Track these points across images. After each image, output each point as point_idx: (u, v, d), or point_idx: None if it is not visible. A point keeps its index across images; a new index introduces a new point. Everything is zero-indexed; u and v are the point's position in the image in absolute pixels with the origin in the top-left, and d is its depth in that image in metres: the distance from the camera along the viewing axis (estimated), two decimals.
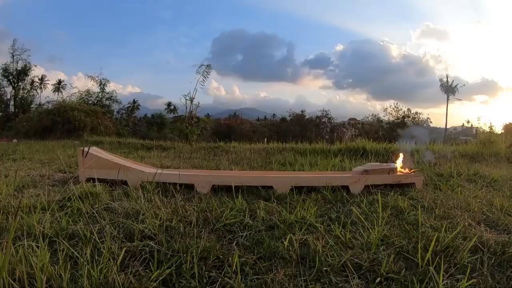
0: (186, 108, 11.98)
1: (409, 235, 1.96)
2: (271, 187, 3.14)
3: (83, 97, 21.47)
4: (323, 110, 25.34)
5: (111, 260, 1.49)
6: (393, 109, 26.91)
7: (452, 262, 1.64)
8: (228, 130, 20.71)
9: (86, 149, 3.15)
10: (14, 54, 25.10)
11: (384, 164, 3.70)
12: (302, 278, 1.47)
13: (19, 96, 25.83)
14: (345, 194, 3.01)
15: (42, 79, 30.92)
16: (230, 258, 1.58)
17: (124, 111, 29.88)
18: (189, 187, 3.18)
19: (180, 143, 9.59)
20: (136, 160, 4.89)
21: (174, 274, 1.45)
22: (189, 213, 2.26)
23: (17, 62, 25.25)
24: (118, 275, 1.38)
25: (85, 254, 1.50)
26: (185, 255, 1.58)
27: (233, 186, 2.97)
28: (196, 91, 12.04)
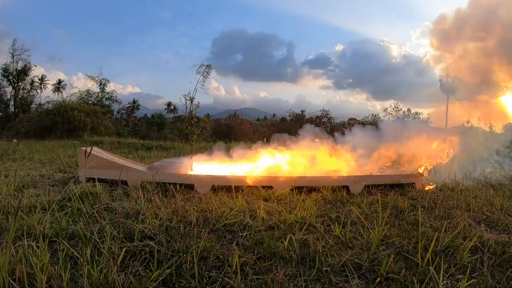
0: (186, 108, 12.01)
1: (409, 235, 1.96)
2: (271, 187, 3.15)
3: (83, 97, 21.44)
4: (323, 110, 25.35)
5: (111, 260, 1.49)
6: (393, 109, 26.90)
7: (452, 262, 1.64)
8: (228, 130, 20.70)
9: (88, 149, 3.16)
10: (14, 54, 25.03)
11: (178, 160, 3.68)
12: (302, 278, 1.47)
13: (19, 96, 25.78)
14: (345, 194, 3.01)
15: (42, 79, 30.86)
16: (230, 258, 1.58)
17: (124, 111, 29.85)
18: (189, 187, 3.18)
19: (180, 143, 9.60)
20: (136, 160, 4.89)
21: (174, 274, 1.45)
22: (189, 213, 2.26)
23: (17, 62, 25.19)
24: (118, 275, 1.38)
25: (85, 254, 1.50)
26: (185, 255, 1.59)
27: (233, 186, 2.98)
28: (196, 91, 12.07)
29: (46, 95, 28.73)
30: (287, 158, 3.81)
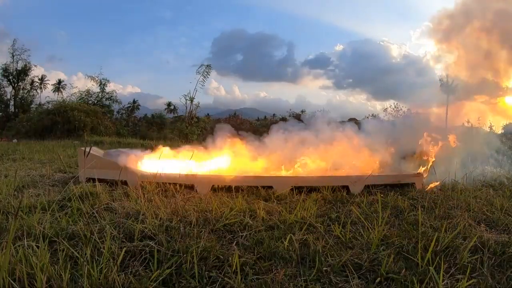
0: (186, 108, 12.05)
1: (409, 235, 1.96)
2: (271, 187, 3.15)
3: (83, 97, 21.47)
4: (323, 110, 25.40)
5: (111, 260, 1.49)
6: (393, 109, 26.93)
7: (452, 262, 1.64)
8: None
9: (87, 149, 3.16)
10: (14, 54, 25.01)
11: (131, 151, 3.76)
12: (302, 278, 1.47)
13: (19, 96, 25.77)
14: (345, 194, 3.02)
15: (42, 79, 30.82)
16: (230, 258, 1.58)
17: (124, 111, 29.86)
18: (189, 187, 3.18)
19: (180, 143, 9.60)
20: None
21: (174, 274, 1.45)
22: (189, 213, 2.26)
23: (17, 62, 25.18)
24: (118, 275, 1.38)
25: (85, 254, 1.50)
26: (185, 255, 1.58)
27: (233, 186, 2.98)
28: (196, 91, 12.10)
29: (46, 95, 28.73)
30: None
